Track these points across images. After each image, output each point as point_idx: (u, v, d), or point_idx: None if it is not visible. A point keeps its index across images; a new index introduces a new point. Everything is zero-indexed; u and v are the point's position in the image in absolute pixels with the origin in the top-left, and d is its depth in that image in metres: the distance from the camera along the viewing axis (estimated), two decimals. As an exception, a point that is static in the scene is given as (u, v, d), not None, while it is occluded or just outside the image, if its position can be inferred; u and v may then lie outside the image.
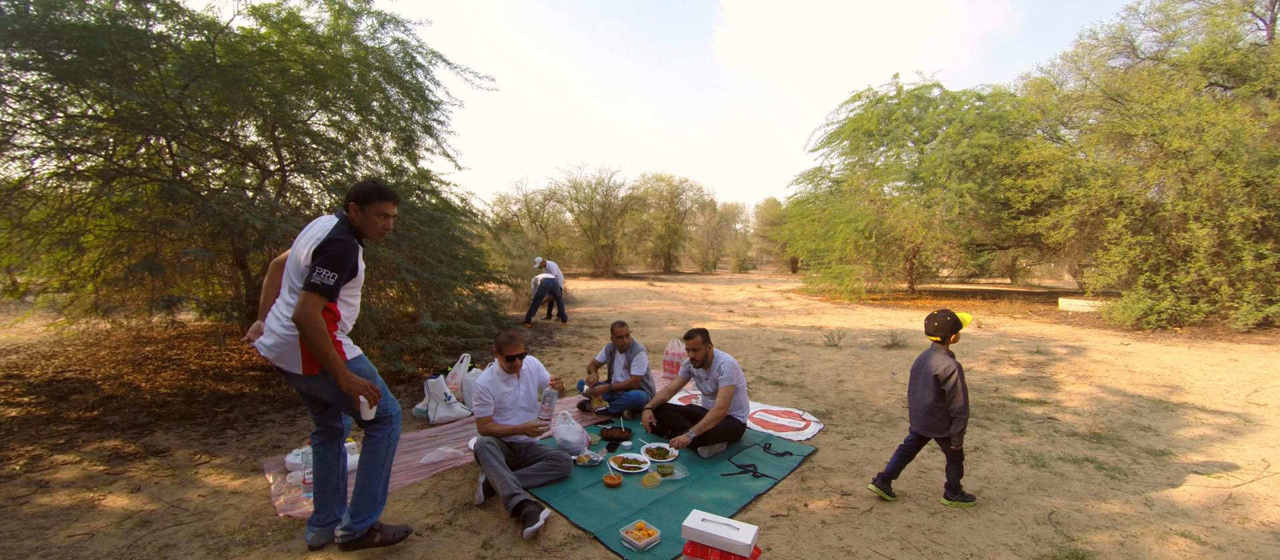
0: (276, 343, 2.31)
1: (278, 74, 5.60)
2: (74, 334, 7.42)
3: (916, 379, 3.09)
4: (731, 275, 31.16)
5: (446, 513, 2.94)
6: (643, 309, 12.60)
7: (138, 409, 4.56)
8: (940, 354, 2.99)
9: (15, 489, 3.13)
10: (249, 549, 2.58)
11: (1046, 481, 3.34)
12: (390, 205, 2.44)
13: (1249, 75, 11.23)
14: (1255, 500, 3.11)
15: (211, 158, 5.94)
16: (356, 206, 2.39)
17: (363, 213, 2.40)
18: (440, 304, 6.29)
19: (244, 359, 6.22)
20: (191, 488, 3.21)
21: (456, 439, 4.04)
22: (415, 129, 7.08)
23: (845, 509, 3.00)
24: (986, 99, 14.99)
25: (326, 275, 2.22)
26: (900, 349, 7.78)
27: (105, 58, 4.33)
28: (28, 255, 6.11)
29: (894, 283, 16.50)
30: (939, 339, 3.02)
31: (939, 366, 2.94)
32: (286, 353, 2.30)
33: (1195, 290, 9.59)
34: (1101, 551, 2.59)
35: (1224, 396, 5.31)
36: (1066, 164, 11.32)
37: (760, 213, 42.75)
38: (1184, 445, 3.99)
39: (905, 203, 14.20)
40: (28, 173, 4.96)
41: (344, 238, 2.31)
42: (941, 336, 3.01)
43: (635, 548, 2.55)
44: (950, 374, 2.90)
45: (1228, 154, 9.25)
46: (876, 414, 4.72)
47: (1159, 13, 13.26)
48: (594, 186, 26.49)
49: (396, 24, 6.44)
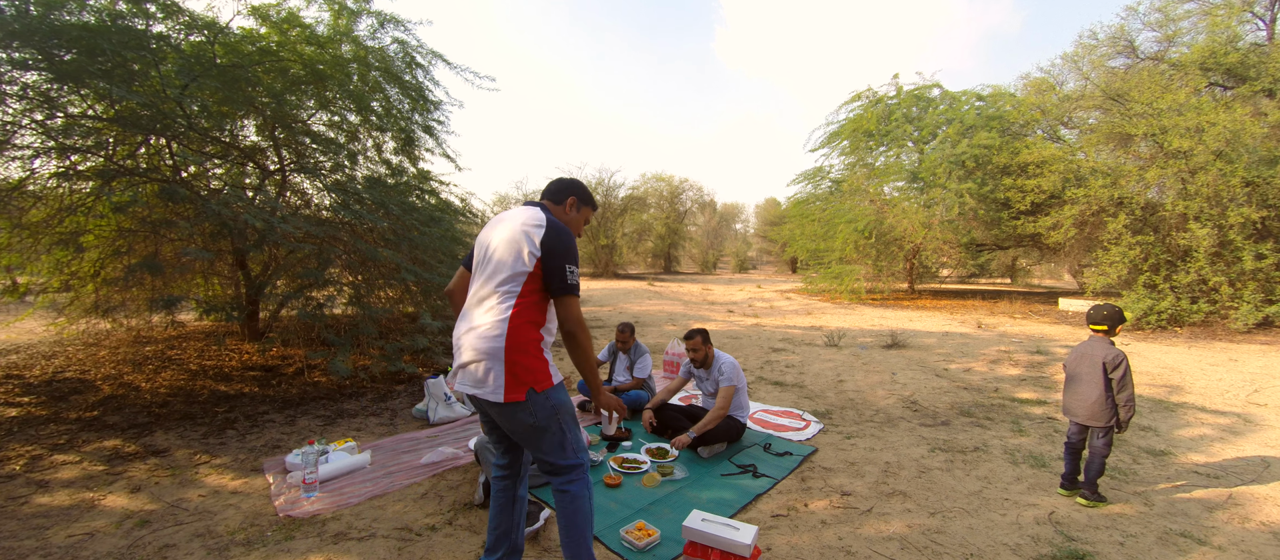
0: (474, 360, 1.91)
1: (277, 74, 5.60)
2: (74, 334, 7.42)
3: (1078, 371, 3.13)
4: (731, 275, 31.15)
5: (446, 513, 2.94)
6: (642, 309, 12.59)
7: (138, 409, 4.56)
8: (1104, 344, 3.06)
9: (15, 489, 3.13)
10: (249, 549, 2.58)
11: (1046, 481, 3.34)
12: (592, 213, 2.33)
13: (1249, 75, 11.23)
14: (1255, 500, 3.11)
15: (211, 158, 5.95)
16: (575, 201, 2.22)
17: (578, 210, 2.24)
18: (440, 304, 6.29)
19: (244, 359, 6.22)
20: (191, 488, 3.20)
21: (456, 439, 4.04)
22: (415, 129, 7.09)
23: (845, 509, 3.00)
24: (986, 99, 15.00)
25: (575, 273, 1.97)
26: (900, 349, 7.78)
27: (105, 58, 4.33)
28: (28, 255, 6.11)
29: (894, 283, 16.50)
30: (1105, 330, 3.10)
31: (1108, 355, 3.01)
32: (486, 372, 1.90)
33: (1195, 290, 9.59)
34: (1101, 551, 2.59)
35: (1224, 396, 5.31)
36: (1066, 164, 11.33)
37: (760, 213, 42.77)
38: (1184, 445, 3.99)
39: (905, 203, 14.21)
40: (28, 173, 4.96)
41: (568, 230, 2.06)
42: (1107, 327, 3.09)
43: (635, 548, 2.55)
44: (1119, 362, 2.98)
45: (1228, 154, 9.25)
46: (876, 414, 4.72)
47: (1159, 13, 13.28)
48: (594, 186, 26.50)
49: (396, 24, 6.45)
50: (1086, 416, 3.07)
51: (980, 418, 4.59)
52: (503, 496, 2.21)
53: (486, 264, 2.02)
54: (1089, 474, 3.07)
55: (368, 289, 5.50)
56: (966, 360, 7.02)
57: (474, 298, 2.03)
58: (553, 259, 1.94)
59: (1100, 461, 3.05)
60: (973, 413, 4.73)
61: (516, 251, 1.94)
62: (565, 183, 2.24)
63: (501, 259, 1.96)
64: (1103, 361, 3.02)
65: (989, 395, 5.31)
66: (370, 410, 4.69)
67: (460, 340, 1.99)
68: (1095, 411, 3.03)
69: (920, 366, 6.61)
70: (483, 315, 1.95)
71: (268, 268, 6.19)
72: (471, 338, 1.94)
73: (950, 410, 4.82)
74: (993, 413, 4.74)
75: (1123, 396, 2.97)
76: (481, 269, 2.04)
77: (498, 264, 1.97)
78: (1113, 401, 3.01)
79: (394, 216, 5.55)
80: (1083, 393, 3.09)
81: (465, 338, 1.96)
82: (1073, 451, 3.18)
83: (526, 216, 2.01)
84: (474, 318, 1.98)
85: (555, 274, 1.94)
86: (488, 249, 2.03)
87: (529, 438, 1.99)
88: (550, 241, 1.95)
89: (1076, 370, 3.15)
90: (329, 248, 5.16)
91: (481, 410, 2.08)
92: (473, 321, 1.97)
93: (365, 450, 3.67)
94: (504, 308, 1.92)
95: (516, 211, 2.07)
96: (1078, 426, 3.16)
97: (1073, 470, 3.17)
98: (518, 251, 1.94)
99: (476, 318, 1.96)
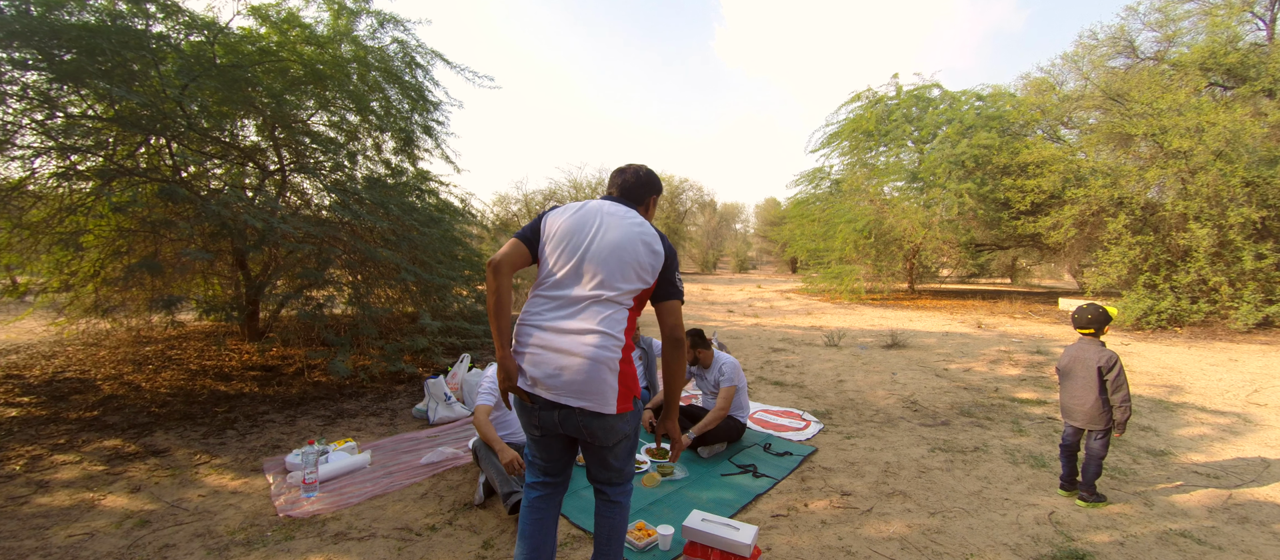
0: (587, 371, 1.77)
1: (277, 74, 5.61)
2: (74, 334, 7.42)
3: (1072, 375, 3.12)
4: (731, 275, 31.16)
5: (446, 513, 2.94)
6: (643, 309, 12.58)
7: (138, 409, 4.56)
8: (1095, 346, 3.04)
9: (15, 489, 3.13)
10: (249, 549, 2.58)
11: (1046, 481, 3.34)
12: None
13: (1249, 75, 11.24)
14: (1255, 500, 3.11)
15: (211, 158, 5.95)
16: (656, 200, 2.10)
17: (653, 207, 2.11)
18: (440, 304, 6.30)
19: (244, 359, 6.22)
20: (191, 488, 3.20)
21: (456, 439, 4.04)
22: (415, 129, 7.09)
23: (845, 509, 3.00)
24: (986, 99, 15.00)
25: (680, 279, 1.92)
26: (900, 349, 7.78)
27: (105, 58, 4.33)
28: (28, 255, 6.12)
29: (894, 283, 16.50)
30: (1092, 332, 3.08)
31: (1101, 358, 2.99)
32: (599, 384, 1.77)
33: (1195, 290, 9.59)
34: (1101, 551, 2.59)
35: (1224, 396, 5.31)
36: (1066, 164, 11.33)
37: (760, 213, 42.76)
38: (1184, 445, 3.99)
39: (905, 203, 14.21)
40: (28, 172, 4.97)
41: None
42: (1095, 329, 3.07)
43: (635, 548, 2.55)
44: (1113, 364, 2.97)
45: (1228, 154, 9.25)
46: (876, 414, 4.72)
47: (1159, 13, 13.28)
48: (594, 186, 26.53)
49: (396, 23, 6.45)
50: (1083, 419, 3.06)
51: (980, 418, 4.59)
52: (546, 511, 2.03)
53: (593, 265, 1.85)
54: (1086, 475, 3.06)
55: (367, 289, 5.50)
56: (966, 360, 7.02)
57: (569, 299, 1.85)
58: (670, 270, 1.90)
59: (1097, 463, 3.04)
60: (973, 413, 4.73)
61: (636, 263, 1.85)
62: (643, 178, 2.07)
63: (618, 267, 1.84)
64: (1096, 365, 3.00)
65: (989, 395, 5.31)
66: (370, 410, 4.69)
67: (558, 344, 1.80)
68: (1092, 414, 3.03)
69: (920, 366, 6.61)
70: (594, 323, 1.80)
71: (267, 268, 6.19)
72: (579, 345, 1.78)
73: (950, 410, 4.82)
74: (993, 413, 4.74)
75: (1118, 397, 2.96)
76: (582, 270, 1.85)
77: (613, 271, 1.84)
78: (1108, 403, 3.00)
79: (393, 216, 5.55)
80: (1078, 396, 3.07)
81: (565, 343, 1.79)
82: (1068, 453, 3.17)
83: (634, 223, 1.91)
84: (578, 323, 1.81)
85: (670, 283, 1.90)
86: (590, 249, 1.86)
87: (614, 447, 1.91)
88: (669, 253, 1.90)
89: (1070, 373, 3.13)
90: (329, 248, 5.17)
91: (549, 421, 1.86)
92: (576, 327, 1.81)
93: (365, 450, 3.67)
94: (621, 319, 1.84)
95: (618, 212, 1.94)
96: (1073, 429, 3.15)
97: (1070, 472, 3.17)
98: (638, 263, 1.85)
99: (583, 324, 1.81)
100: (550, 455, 1.99)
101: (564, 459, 2.02)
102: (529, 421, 1.92)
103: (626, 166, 2.09)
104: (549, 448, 1.97)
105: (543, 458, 2.00)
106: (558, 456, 2.00)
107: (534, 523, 2.01)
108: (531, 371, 1.83)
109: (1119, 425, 2.98)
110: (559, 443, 1.96)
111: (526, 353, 1.85)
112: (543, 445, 1.97)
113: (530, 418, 1.90)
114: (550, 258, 1.90)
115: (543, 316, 1.86)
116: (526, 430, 1.97)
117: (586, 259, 1.86)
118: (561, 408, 1.82)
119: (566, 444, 1.98)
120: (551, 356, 1.80)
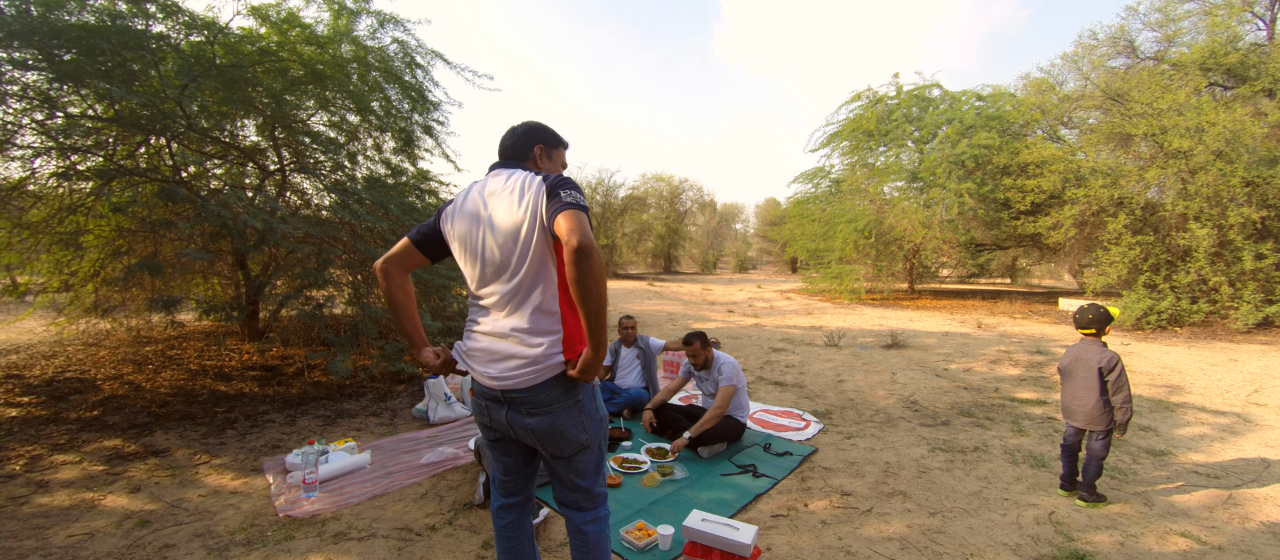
0: (528, 353, 1.62)
1: (277, 74, 5.60)
2: (74, 334, 7.42)
3: (1073, 375, 3.11)
4: (731, 275, 31.16)
5: (446, 513, 2.94)
6: (643, 309, 12.60)
7: (138, 409, 4.56)
8: (1097, 346, 3.03)
9: (15, 489, 3.13)
10: (249, 549, 2.58)
11: (1046, 481, 3.34)
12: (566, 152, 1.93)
13: (1249, 75, 11.24)
14: (1255, 500, 3.11)
15: (211, 158, 5.95)
16: (543, 150, 1.80)
17: (550, 158, 1.83)
18: (440, 304, 6.29)
19: (244, 359, 6.22)
20: (191, 488, 3.20)
21: (456, 439, 4.04)
22: (415, 129, 7.09)
23: (845, 509, 3.00)
24: (986, 99, 15.01)
25: (579, 194, 1.58)
26: (900, 349, 7.78)
27: (105, 58, 4.33)
28: (28, 255, 6.12)
29: (894, 283, 16.50)
30: (1093, 332, 3.07)
31: (1102, 359, 2.99)
32: (538, 365, 1.62)
33: (1195, 290, 9.59)
34: (1101, 551, 2.59)
35: (1224, 396, 5.31)
36: (1066, 164, 11.33)
37: (760, 213, 42.77)
38: (1184, 445, 3.99)
39: (905, 203, 14.21)
40: (28, 172, 4.97)
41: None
42: (1096, 329, 3.06)
43: (635, 548, 2.55)
44: (1114, 365, 2.96)
45: (1228, 154, 9.25)
46: (876, 414, 4.72)
47: (1159, 13, 13.27)
48: (594, 186, 26.53)
49: (396, 24, 6.45)
50: (1085, 420, 3.06)
51: (980, 418, 4.59)
52: (515, 538, 1.91)
53: (495, 259, 1.65)
54: (1087, 475, 3.06)
55: (367, 289, 5.49)
56: (966, 360, 7.02)
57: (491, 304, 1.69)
58: (553, 192, 1.57)
59: (1098, 463, 3.04)
60: (973, 413, 4.73)
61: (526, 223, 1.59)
62: (521, 132, 1.79)
63: (514, 244, 1.60)
64: (1097, 366, 3.00)
65: (989, 395, 5.31)
66: (370, 410, 4.69)
67: (494, 349, 1.67)
68: (1093, 415, 3.02)
69: (920, 366, 6.61)
70: (522, 321, 1.64)
71: (267, 268, 6.19)
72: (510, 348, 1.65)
73: (950, 410, 4.82)
74: (993, 413, 4.74)
75: (1119, 398, 2.96)
76: (486, 270, 1.68)
77: (510, 250, 1.61)
78: (1109, 404, 3.00)
79: (394, 217, 5.55)
80: (1080, 396, 3.07)
81: (500, 346, 1.66)
82: (1069, 453, 3.17)
83: (511, 186, 1.64)
84: (505, 324, 1.66)
85: (556, 200, 1.54)
86: (485, 246, 1.66)
87: (571, 459, 1.74)
88: (548, 181, 1.61)
89: (1071, 373, 3.14)
90: (329, 248, 5.16)
91: (499, 420, 1.74)
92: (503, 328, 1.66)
93: (365, 450, 3.67)
94: (540, 286, 1.63)
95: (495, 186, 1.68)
96: (1074, 429, 3.15)
97: (1071, 472, 3.17)
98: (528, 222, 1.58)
99: (510, 323, 1.65)
100: (507, 466, 1.86)
101: (523, 474, 1.88)
102: (480, 419, 1.80)
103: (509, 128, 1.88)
104: (506, 454, 1.84)
105: (501, 470, 1.87)
106: (517, 470, 1.87)
107: (508, 552, 1.92)
108: (476, 374, 1.73)
109: (1120, 426, 2.97)
110: (516, 452, 1.83)
111: (470, 360, 1.74)
112: (499, 450, 1.84)
113: (481, 416, 1.79)
114: (461, 265, 1.77)
115: (475, 323, 1.74)
116: (482, 431, 1.84)
117: (486, 259, 1.67)
118: (508, 403, 1.68)
119: (525, 455, 1.85)
120: (489, 361, 1.68)
